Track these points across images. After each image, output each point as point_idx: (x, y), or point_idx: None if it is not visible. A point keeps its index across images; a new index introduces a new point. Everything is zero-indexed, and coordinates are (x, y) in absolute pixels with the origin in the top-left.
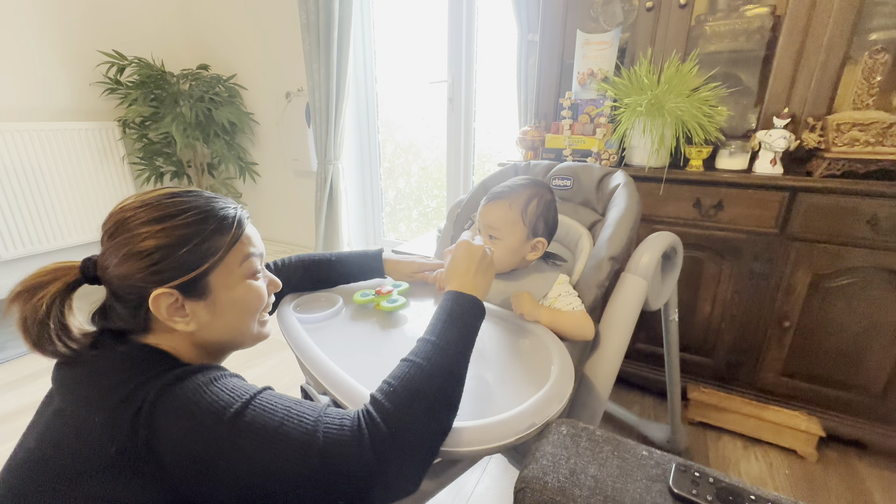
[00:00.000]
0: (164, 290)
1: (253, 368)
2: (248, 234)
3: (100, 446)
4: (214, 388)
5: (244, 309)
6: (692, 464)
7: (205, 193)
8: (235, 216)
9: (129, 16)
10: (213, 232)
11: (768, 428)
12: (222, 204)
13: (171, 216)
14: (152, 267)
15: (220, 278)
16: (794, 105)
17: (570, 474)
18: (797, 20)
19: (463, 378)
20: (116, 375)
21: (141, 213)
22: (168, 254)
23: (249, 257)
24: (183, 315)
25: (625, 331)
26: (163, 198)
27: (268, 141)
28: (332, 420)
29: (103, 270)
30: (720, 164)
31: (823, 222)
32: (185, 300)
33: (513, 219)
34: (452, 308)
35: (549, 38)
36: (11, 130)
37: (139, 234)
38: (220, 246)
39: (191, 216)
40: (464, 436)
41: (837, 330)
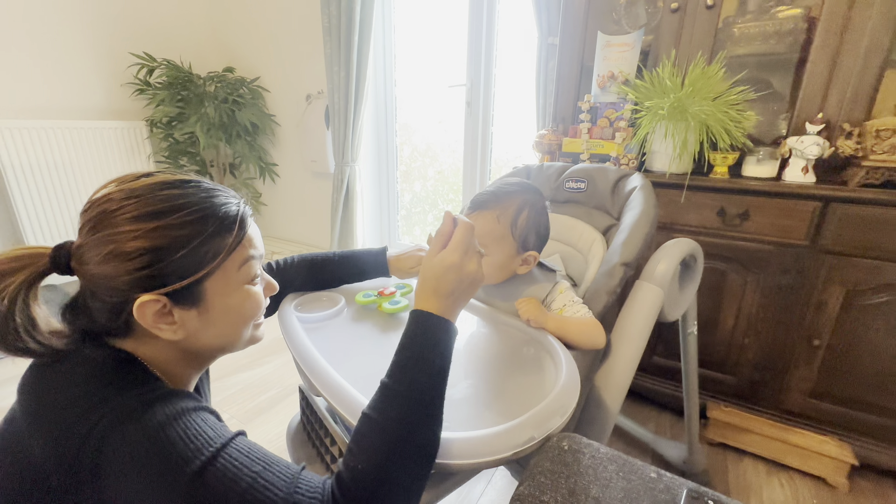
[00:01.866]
0: (152, 296)
1: (260, 367)
2: (249, 235)
3: (40, 473)
4: (173, 433)
5: (239, 317)
6: (706, 490)
7: (203, 184)
8: (238, 215)
9: (160, 19)
10: (213, 234)
11: (794, 452)
12: (223, 199)
13: (164, 213)
14: (140, 271)
15: (216, 285)
16: (829, 110)
17: (568, 494)
18: (834, 22)
19: (438, 417)
20: (74, 389)
21: (129, 206)
22: (159, 257)
23: (249, 261)
24: (170, 322)
25: (638, 341)
26: (156, 189)
27: (288, 142)
28: (303, 500)
29: (80, 263)
30: (747, 171)
31: (859, 234)
32: (173, 307)
33: (500, 233)
34: (425, 338)
35: (568, 40)
36: (46, 128)
37: (127, 232)
38: (220, 250)
39: (188, 215)
40: (457, 448)
41: (873, 350)
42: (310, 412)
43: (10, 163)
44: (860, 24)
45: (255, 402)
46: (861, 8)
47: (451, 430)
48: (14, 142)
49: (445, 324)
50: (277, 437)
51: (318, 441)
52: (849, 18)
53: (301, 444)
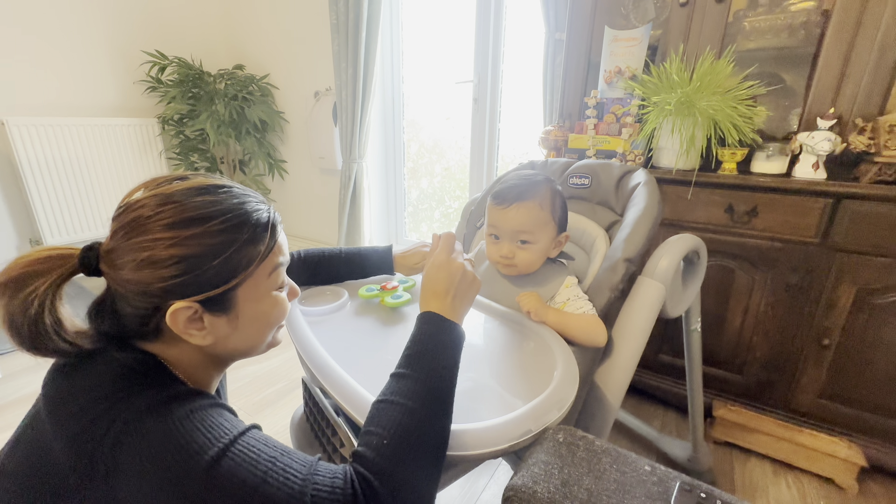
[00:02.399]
0: (185, 303)
1: (268, 361)
2: (280, 242)
3: (60, 473)
4: (190, 425)
5: (266, 323)
6: (699, 483)
7: (235, 189)
8: (269, 221)
9: (172, 18)
10: (247, 242)
11: (803, 453)
12: (255, 205)
13: (200, 220)
14: (175, 279)
15: (248, 292)
16: (842, 105)
17: (561, 485)
18: (847, 14)
19: (449, 413)
20: (96, 390)
21: (165, 212)
22: (195, 265)
23: (278, 268)
24: (200, 328)
25: (639, 338)
26: (191, 195)
27: (296, 139)
28: (323, 482)
29: (112, 268)
30: (756, 167)
31: (871, 232)
32: (205, 313)
33: (545, 219)
34: (432, 334)
35: (576, 35)
36: (62, 125)
37: (162, 240)
38: (254, 258)
39: (223, 222)
40: (454, 439)
41: (885, 351)
42: (312, 404)
43: (27, 159)
44: (875, 17)
45: (262, 394)
46: (876, 1)
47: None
48: (31, 138)
49: (449, 322)
50: (284, 430)
51: (321, 432)
52: (863, 11)
53: (304, 435)
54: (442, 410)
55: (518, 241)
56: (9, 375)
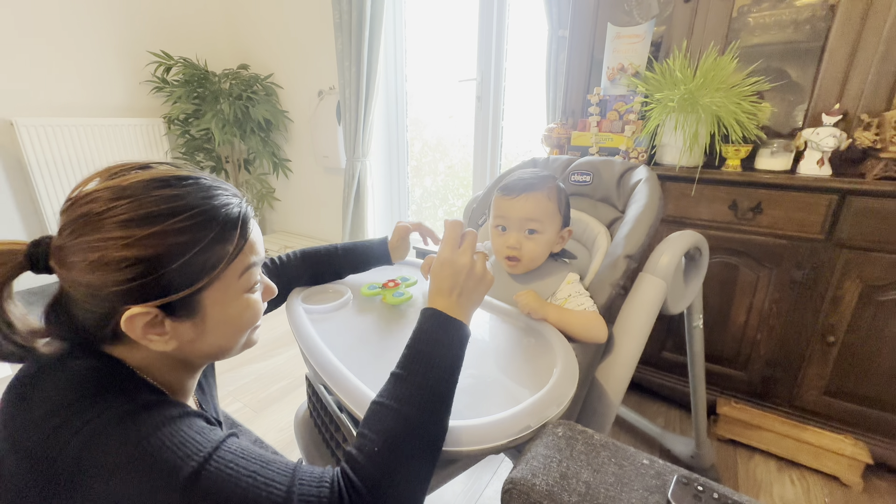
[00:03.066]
0: (143, 308)
1: (272, 358)
2: (251, 240)
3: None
4: (161, 441)
5: (237, 326)
6: (696, 476)
7: (202, 180)
8: (240, 216)
9: (177, 18)
10: (213, 241)
11: (807, 450)
12: (224, 199)
13: (160, 217)
14: (131, 282)
15: (215, 294)
16: (847, 101)
17: (560, 478)
18: (853, 8)
19: (447, 414)
20: (51, 401)
21: (119, 208)
22: (153, 268)
23: (250, 268)
24: (161, 333)
25: (640, 334)
26: (150, 188)
27: (300, 138)
28: (309, 491)
29: (61, 266)
30: (760, 164)
31: (877, 228)
32: (166, 318)
33: (552, 210)
34: (432, 333)
35: (578, 32)
36: (69, 125)
37: (115, 240)
38: (221, 258)
39: (186, 219)
40: (454, 435)
41: (891, 347)
42: (316, 400)
43: (35, 159)
44: (881, 11)
45: (266, 391)
46: None
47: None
48: (39, 139)
49: (452, 320)
50: (288, 426)
51: (324, 428)
52: (869, 5)
53: (308, 431)
54: (438, 414)
55: (526, 230)
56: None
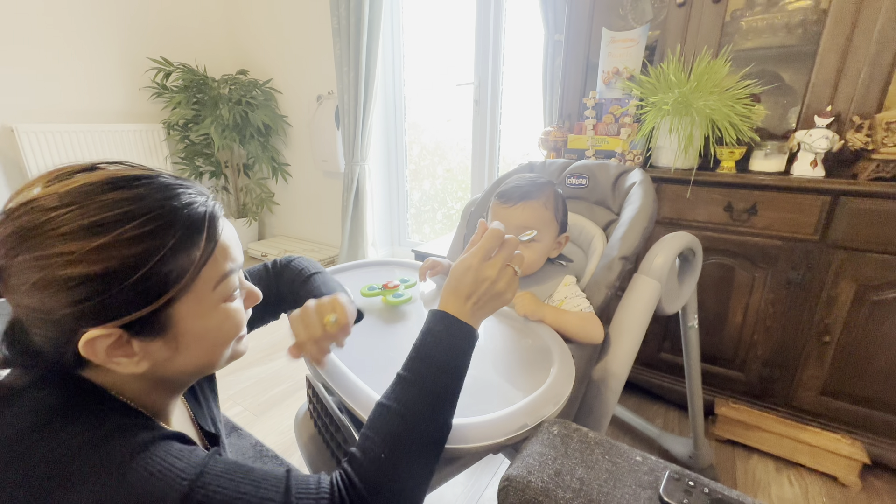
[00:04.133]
0: (102, 331)
1: (273, 362)
2: (224, 243)
3: None
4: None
5: (216, 340)
6: (688, 472)
7: (160, 179)
8: (205, 216)
9: (177, 25)
10: (177, 248)
11: (805, 450)
12: (187, 197)
13: (110, 225)
14: (83, 303)
15: (187, 307)
16: (839, 103)
17: (555, 475)
18: (844, 12)
19: (450, 416)
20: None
21: (61, 217)
22: (107, 285)
23: (227, 277)
24: (128, 354)
25: (635, 334)
26: (97, 191)
27: (299, 142)
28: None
29: (6, 288)
30: (754, 165)
31: (870, 229)
32: (132, 338)
33: (548, 218)
34: (441, 337)
35: (574, 36)
36: (70, 131)
37: (63, 254)
38: (187, 267)
39: (141, 225)
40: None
41: (886, 347)
42: (316, 401)
43: (35, 165)
44: (871, 15)
45: (267, 395)
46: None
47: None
48: (39, 144)
49: (462, 324)
50: (288, 430)
51: (324, 429)
52: (859, 9)
53: (308, 432)
54: (442, 418)
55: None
56: None
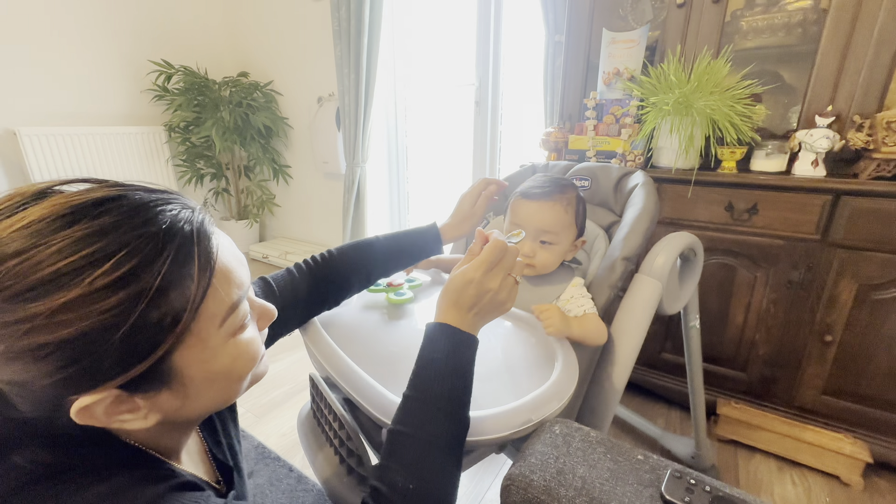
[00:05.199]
0: (95, 396)
1: (274, 364)
2: (223, 266)
3: None
4: None
5: (231, 377)
6: (690, 471)
7: (129, 198)
8: (193, 237)
9: (178, 27)
10: (165, 287)
11: (807, 450)
12: (167, 217)
13: (77, 272)
14: (63, 371)
15: (190, 354)
16: (840, 103)
17: (557, 474)
18: (844, 12)
19: (464, 420)
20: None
21: (15, 268)
22: (87, 349)
23: (235, 309)
24: (133, 409)
25: (637, 334)
26: (53, 226)
27: (300, 144)
28: None
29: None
30: (755, 165)
31: (872, 228)
32: (133, 394)
33: (568, 222)
34: (447, 352)
35: (574, 37)
36: (72, 134)
37: (20, 321)
38: (182, 307)
39: (115, 266)
40: None
41: (889, 346)
42: (319, 399)
43: (37, 168)
44: (871, 14)
45: (269, 396)
46: None
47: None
48: (42, 147)
49: (463, 335)
50: (290, 431)
51: (328, 426)
52: (859, 8)
53: (311, 430)
54: (458, 427)
55: (539, 240)
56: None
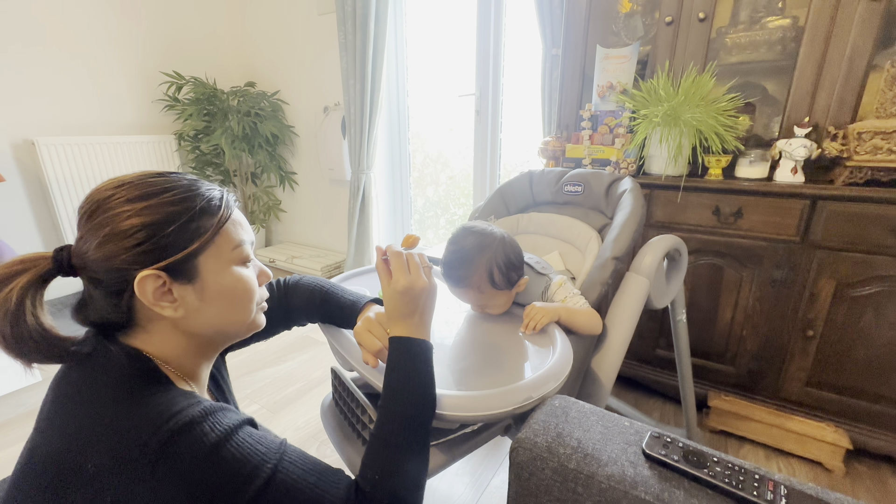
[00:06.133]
0: (151, 271)
1: (287, 363)
2: (236, 218)
3: (95, 489)
4: (230, 452)
5: (234, 298)
6: (667, 433)
7: (187, 175)
8: (223, 198)
9: (188, 40)
10: (202, 211)
11: (792, 438)
12: (206, 186)
13: (155, 194)
14: (137, 247)
15: (210, 262)
16: (817, 114)
17: (556, 436)
18: (818, 30)
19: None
20: (103, 410)
21: (122, 191)
22: (154, 232)
23: (241, 245)
24: (171, 300)
25: (628, 326)
26: (145, 177)
27: (306, 152)
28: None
29: (81, 257)
30: (740, 172)
31: (846, 230)
32: (172, 283)
33: (489, 294)
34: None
35: (570, 52)
36: (86, 143)
37: (122, 213)
38: (209, 226)
39: (176, 194)
40: (468, 403)
41: (865, 339)
42: (342, 389)
43: (54, 176)
44: (843, 33)
45: (282, 393)
46: (843, 16)
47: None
48: (58, 156)
49: (419, 343)
50: (305, 425)
51: (350, 413)
52: (832, 26)
53: (334, 417)
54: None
55: (478, 306)
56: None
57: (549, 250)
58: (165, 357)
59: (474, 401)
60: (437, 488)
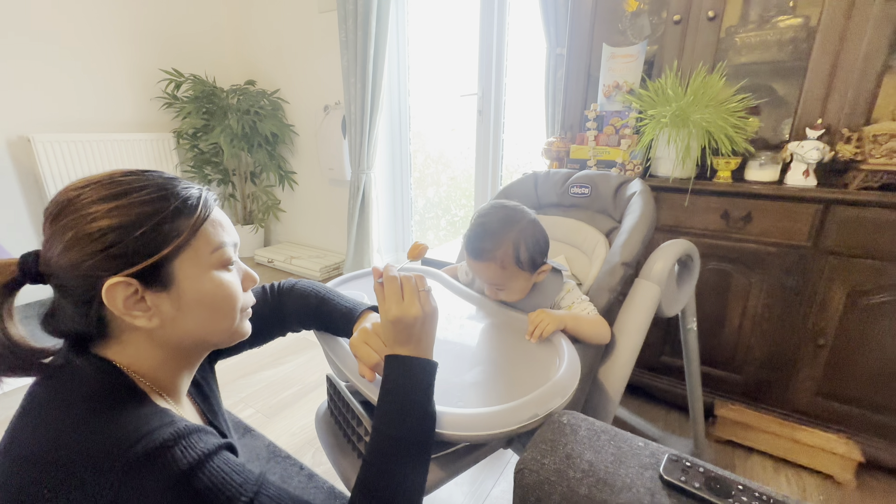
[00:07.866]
0: (121, 278)
1: (282, 366)
2: (216, 218)
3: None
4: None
5: (214, 305)
6: (685, 455)
7: (164, 174)
8: (200, 197)
9: (187, 37)
10: (176, 212)
11: (802, 450)
12: (184, 185)
13: (125, 193)
14: (105, 251)
15: (187, 267)
16: (830, 116)
17: (566, 458)
18: (832, 30)
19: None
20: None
21: (89, 191)
22: (124, 235)
23: (221, 247)
24: (144, 308)
25: (637, 335)
26: (115, 175)
27: (306, 151)
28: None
29: (47, 263)
30: (749, 175)
31: (860, 236)
32: (145, 290)
33: (510, 273)
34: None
35: (575, 51)
36: (83, 140)
37: (88, 215)
38: (184, 228)
39: (148, 194)
40: (467, 421)
41: (878, 350)
42: (337, 398)
43: (50, 173)
44: (858, 32)
45: (278, 397)
46: (858, 16)
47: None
48: (54, 153)
49: (416, 363)
50: (300, 430)
51: (346, 423)
52: (847, 26)
53: (329, 427)
54: (419, 457)
55: (495, 287)
56: None
57: (555, 254)
58: (141, 370)
59: (476, 419)
60: (435, 497)
